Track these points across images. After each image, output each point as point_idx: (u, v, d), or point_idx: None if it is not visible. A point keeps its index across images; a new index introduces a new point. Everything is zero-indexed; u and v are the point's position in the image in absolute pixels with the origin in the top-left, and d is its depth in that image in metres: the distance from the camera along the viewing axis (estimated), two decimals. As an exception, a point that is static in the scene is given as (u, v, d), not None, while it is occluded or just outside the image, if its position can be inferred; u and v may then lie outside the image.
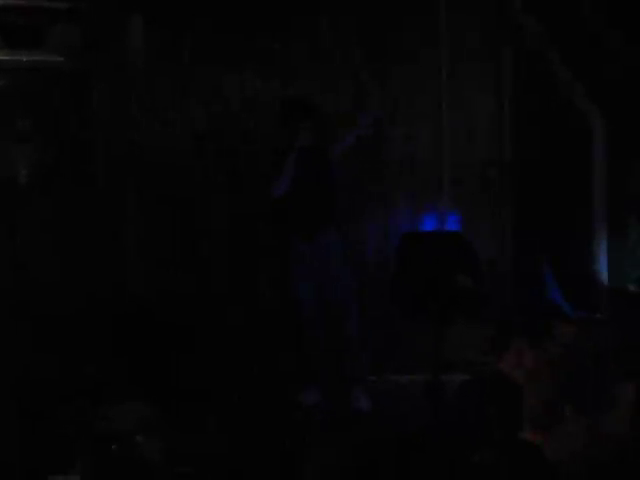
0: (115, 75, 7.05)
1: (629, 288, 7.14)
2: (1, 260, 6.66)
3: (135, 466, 5.38)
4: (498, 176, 7.80)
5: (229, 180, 7.44)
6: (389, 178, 7.67)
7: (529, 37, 7.82)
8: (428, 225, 7.61)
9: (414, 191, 7.65)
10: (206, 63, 7.39)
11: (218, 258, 7.41)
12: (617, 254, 7.39)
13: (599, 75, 7.56)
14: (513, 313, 3.48)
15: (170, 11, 7.22)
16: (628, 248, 7.33)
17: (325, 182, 6.86)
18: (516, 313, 3.50)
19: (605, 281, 7.51)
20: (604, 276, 7.54)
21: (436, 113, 7.74)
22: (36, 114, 5.80)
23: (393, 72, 7.67)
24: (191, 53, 7.37)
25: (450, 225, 7.60)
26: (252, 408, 6.71)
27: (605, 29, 7.51)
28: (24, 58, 5.86)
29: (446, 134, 7.73)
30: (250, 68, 7.45)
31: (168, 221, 7.32)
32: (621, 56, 7.55)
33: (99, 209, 7.05)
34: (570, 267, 7.52)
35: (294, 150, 6.76)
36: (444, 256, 6.73)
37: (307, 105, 6.88)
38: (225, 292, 7.40)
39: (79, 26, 5.90)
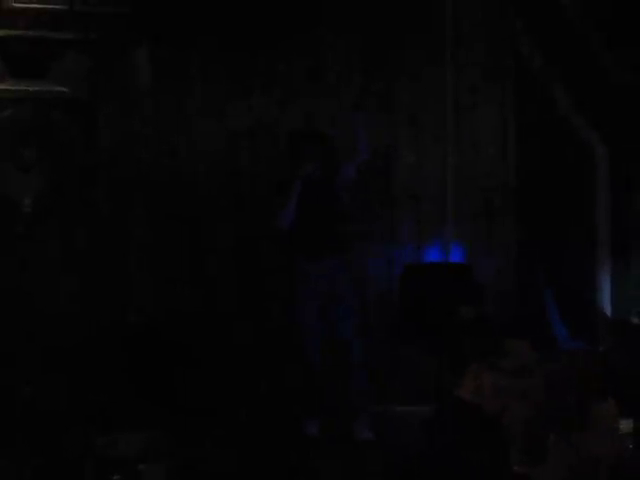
0: (121, 98, 7.06)
1: (632, 320, 7.13)
2: (7, 288, 6.68)
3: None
4: (502, 203, 7.80)
5: (235, 199, 7.44)
6: (393, 207, 7.68)
7: (530, 65, 7.85)
8: (432, 256, 7.61)
9: (418, 221, 7.66)
10: (212, 86, 7.40)
11: (225, 276, 7.41)
12: (620, 286, 7.39)
13: (601, 102, 7.58)
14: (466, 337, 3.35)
15: (175, 37, 7.24)
16: (631, 280, 7.32)
17: (330, 211, 6.86)
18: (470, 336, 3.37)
19: (608, 312, 7.51)
20: (607, 307, 7.54)
21: (441, 141, 7.77)
22: (41, 143, 5.81)
23: (396, 91, 7.69)
24: (196, 76, 7.38)
25: (454, 256, 7.59)
26: (257, 432, 6.70)
27: (607, 56, 7.54)
28: (29, 88, 5.87)
29: (450, 162, 7.75)
30: (256, 89, 7.46)
31: (174, 241, 7.32)
32: (622, 82, 7.57)
33: (104, 233, 7.06)
34: (573, 298, 7.52)
35: (299, 180, 6.76)
36: (447, 287, 6.73)
37: (316, 137, 6.88)
38: (232, 310, 7.39)
39: (84, 56, 5.91)
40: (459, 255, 7.61)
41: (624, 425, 5.17)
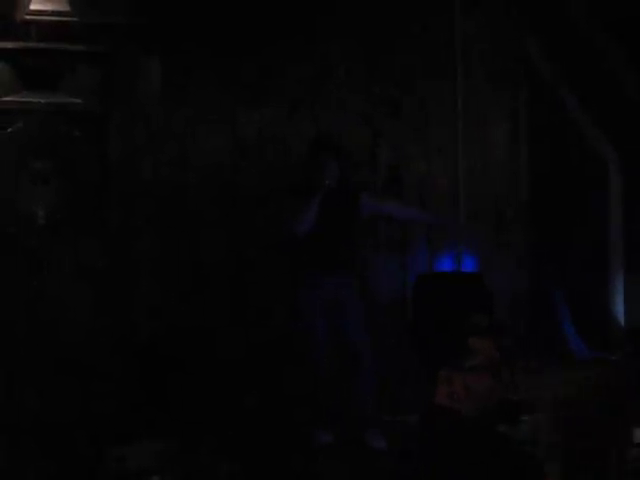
0: (132, 110, 7.08)
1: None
2: (20, 299, 6.70)
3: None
4: (514, 212, 7.80)
5: (244, 216, 7.45)
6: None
7: (542, 73, 7.85)
8: (444, 265, 7.60)
9: (429, 231, 7.66)
10: (221, 96, 7.41)
11: (227, 287, 7.40)
12: (633, 295, 7.38)
13: (615, 115, 7.57)
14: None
15: (186, 48, 7.26)
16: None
17: (346, 224, 6.84)
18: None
19: (621, 321, 7.50)
20: (620, 316, 7.53)
21: (452, 150, 7.77)
22: (53, 155, 5.83)
23: (405, 100, 7.70)
24: (206, 86, 7.40)
25: (467, 266, 7.59)
26: (268, 442, 6.70)
27: (622, 67, 7.53)
28: (41, 100, 5.88)
29: (461, 172, 7.75)
30: (264, 100, 7.47)
31: (180, 253, 7.33)
32: (635, 91, 7.57)
33: (115, 245, 7.08)
34: (586, 307, 7.50)
35: (323, 187, 6.76)
36: (460, 296, 6.71)
37: (334, 143, 6.88)
38: (234, 321, 7.39)
39: (95, 68, 5.93)
40: (471, 264, 7.60)
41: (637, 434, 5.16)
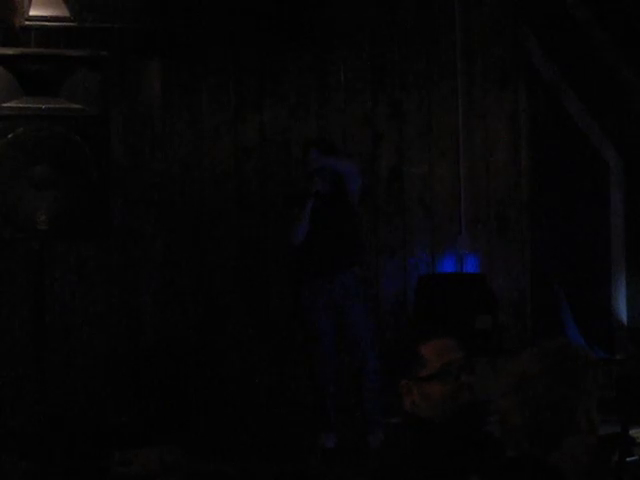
0: (132, 114, 7.09)
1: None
2: (22, 304, 6.70)
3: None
4: (516, 216, 7.79)
5: (244, 213, 7.44)
6: (406, 219, 7.67)
7: (543, 76, 7.85)
8: (446, 267, 7.60)
9: (431, 232, 7.65)
10: (222, 100, 7.41)
11: (232, 291, 7.41)
12: (636, 294, 7.38)
13: (616, 114, 7.58)
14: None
15: (186, 51, 7.26)
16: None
17: (342, 225, 6.83)
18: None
19: (624, 320, 7.50)
20: (623, 315, 7.53)
21: (453, 152, 7.77)
22: (54, 160, 5.82)
23: (407, 102, 7.70)
24: (207, 90, 7.39)
25: (469, 267, 7.58)
26: (272, 445, 6.70)
27: (624, 67, 7.54)
28: (42, 105, 5.87)
29: (463, 174, 7.75)
30: (265, 103, 7.47)
31: (183, 257, 7.33)
32: (638, 94, 7.57)
33: (117, 249, 7.08)
34: (589, 307, 7.52)
35: (311, 196, 6.74)
36: (463, 298, 6.73)
37: (326, 146, 6.87)
38: (240, 325, 7.39)
39: (96, 72, 5.91)
40: (473, 265, 7.60)
41: (636, 434, 5.14)
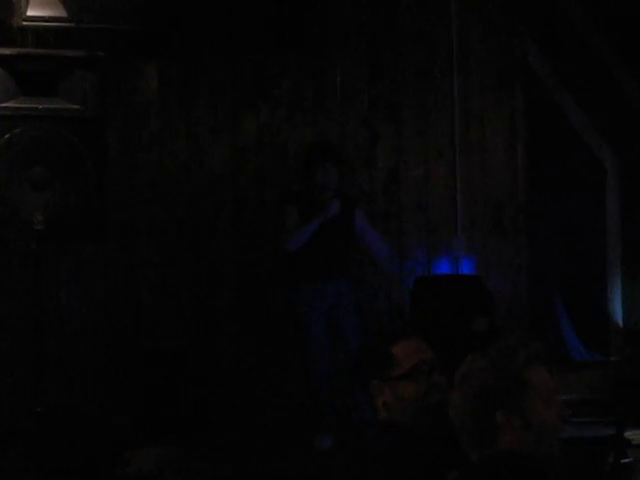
0: (129, 114, 7.09)
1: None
2: (19, 306, 6.70)
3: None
4: (513, 217, 7.80)
5: (241, 215, 7.44)
6: (402, 221, 7.68)
7: (540, 77, 7.85)
8: (442, 268, 7.60)
9: (428, 234, 7.65)
10: (219, 101, 7.41)
11: (230, 293, 7.40)
12: (632, 296, 7.39)
13: (612, 115, 7.58)
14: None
15: (183, 52, 7.26)
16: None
17: (342, 232, 6.80)
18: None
19: (620, 322, 7.51)
20: (619, 317, 7.53)
21: (450, 154, 7.78)
22: (51, 160, 5.83)
23: (404, 104, 7.70)
24: (204, 91, 7.40)
25: (465, 268, 7.59)
26: (271, 447, 6.70)
27: (620, 69, 7.55)
28: (39, 106, 5.87)
29: (459, 175, 7.75)
30: (263, 105, 7.47)
31: (179, 257, 7.32)
32: (634, 95, 7.58)
33: (114, 250, 7.08)
34: (585, 309, 7.52)
35: (323, 218, 6.64)
36: (459, 300, 6.72)
37: (335, 150, 6.86)
38: (238, 328, 7.39)
39: (93, 73, 5.92)
40: (470, 267, 7.60)
41: (634, 435, 5.15)
